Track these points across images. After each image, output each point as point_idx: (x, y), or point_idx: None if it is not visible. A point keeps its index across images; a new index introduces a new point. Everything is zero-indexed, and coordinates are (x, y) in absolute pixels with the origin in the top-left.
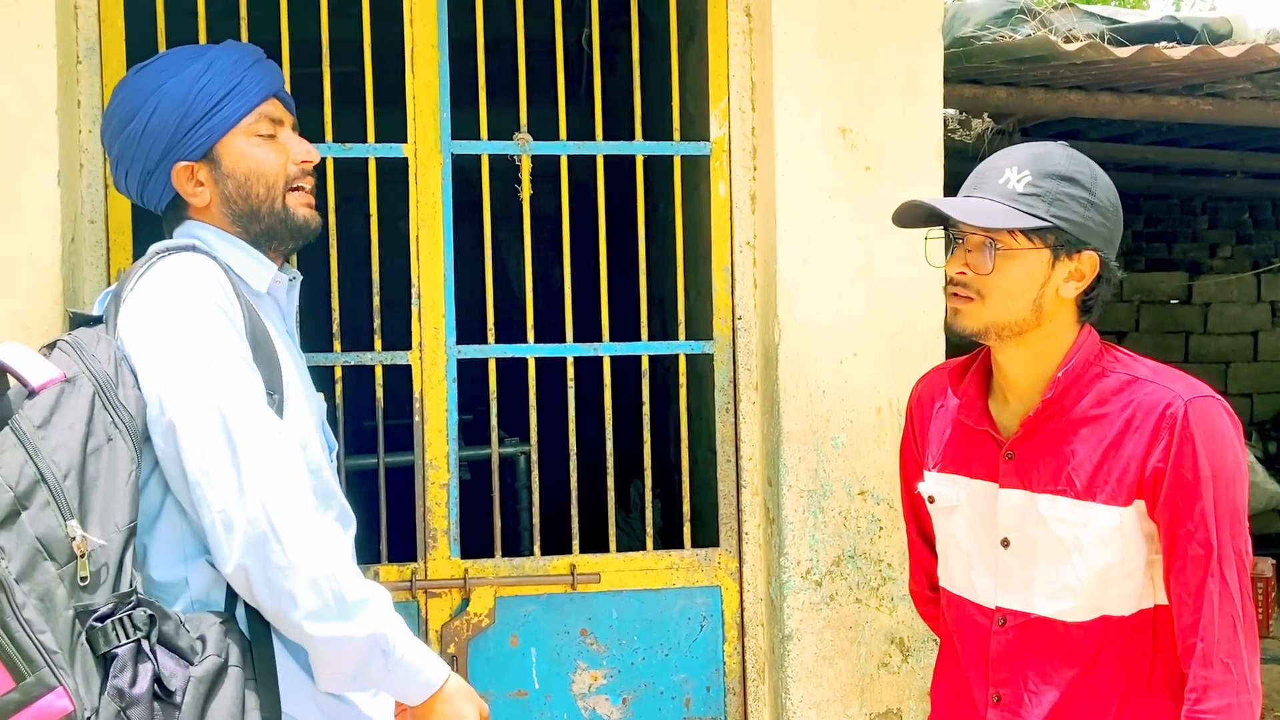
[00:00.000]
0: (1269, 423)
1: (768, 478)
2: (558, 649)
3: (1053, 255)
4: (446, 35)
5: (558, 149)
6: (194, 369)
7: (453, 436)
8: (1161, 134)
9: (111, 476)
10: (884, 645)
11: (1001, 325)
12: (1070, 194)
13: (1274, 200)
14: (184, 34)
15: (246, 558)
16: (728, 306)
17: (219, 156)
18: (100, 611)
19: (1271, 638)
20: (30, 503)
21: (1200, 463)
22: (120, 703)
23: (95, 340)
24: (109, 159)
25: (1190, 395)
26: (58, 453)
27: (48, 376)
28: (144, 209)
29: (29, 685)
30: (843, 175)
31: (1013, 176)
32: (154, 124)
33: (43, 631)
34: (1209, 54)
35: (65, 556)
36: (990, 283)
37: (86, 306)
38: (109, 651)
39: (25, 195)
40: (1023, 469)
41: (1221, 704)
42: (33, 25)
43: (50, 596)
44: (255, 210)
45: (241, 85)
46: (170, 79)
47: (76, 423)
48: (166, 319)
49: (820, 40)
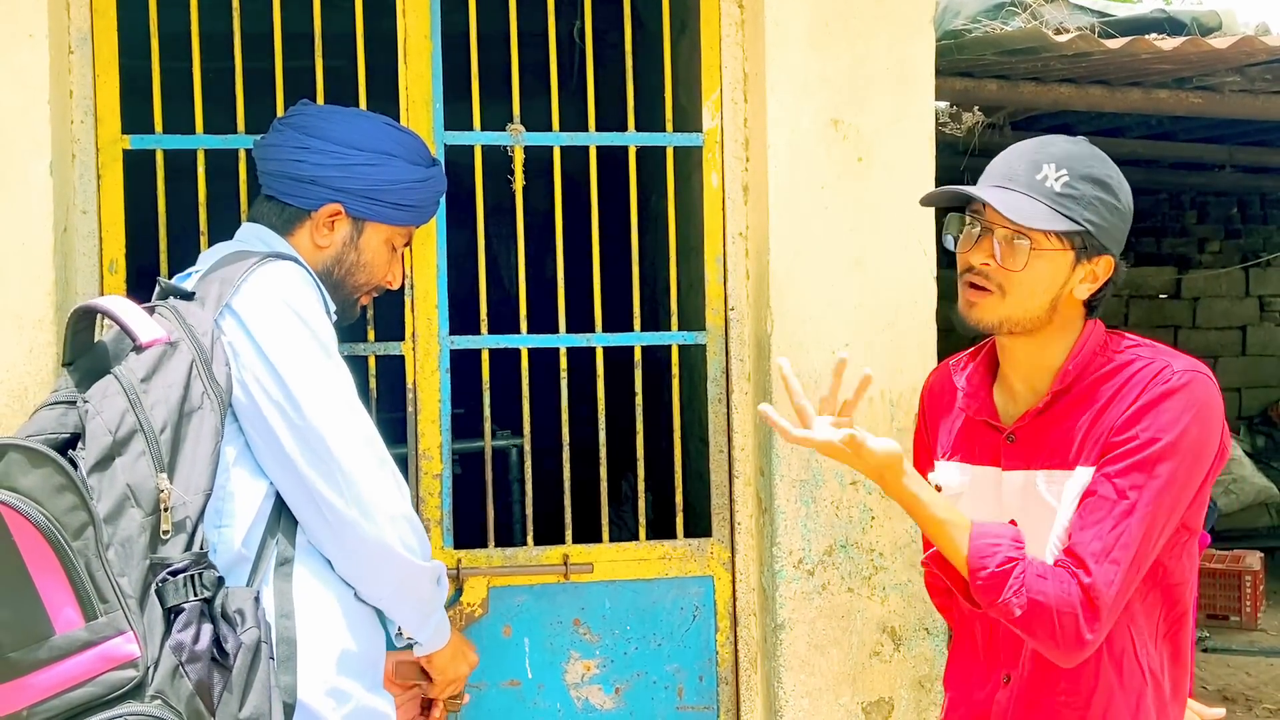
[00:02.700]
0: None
1: (760, 468)
2: (551, 639)
3: (1076, 258)
4: (439, 25)
5: (550, 140)
6: (320, 361)
7: (446, 427)
8: (1151, 128)
9: (197, 442)
10: (876, 634)
11: (1017, 321)
12: (1101, 199)
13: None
14: (176, 26)
15: (393, 523)
16: (720, 297)
17: (364, 230)
18: (175, 566)
19: (1261, 630)
20: (126, 450)
21: (1160, 424)
22: (180, 657)
23: (193, 313)
24: (283, 127)
25: (1184, 366)
26: (156, 408)
27: (154, 335)
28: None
29: (99, 625)
30: (835, 166)
31: (1050, 174)
32: (366, 169)
33: (121, 575)
34: (1199, 45)
35: (151, 507)
36: (1015, 279)
37: (78, 297)
38: (176, 606)
39: (17, 186)
40: (1024, 451)
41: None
42: (24, 16)
43: (131, 543)
44: (342, 285)
45: (426, 209)
46: (405, 160)
47: (175, 384)
48: (295, 316)
49: (812, 31)
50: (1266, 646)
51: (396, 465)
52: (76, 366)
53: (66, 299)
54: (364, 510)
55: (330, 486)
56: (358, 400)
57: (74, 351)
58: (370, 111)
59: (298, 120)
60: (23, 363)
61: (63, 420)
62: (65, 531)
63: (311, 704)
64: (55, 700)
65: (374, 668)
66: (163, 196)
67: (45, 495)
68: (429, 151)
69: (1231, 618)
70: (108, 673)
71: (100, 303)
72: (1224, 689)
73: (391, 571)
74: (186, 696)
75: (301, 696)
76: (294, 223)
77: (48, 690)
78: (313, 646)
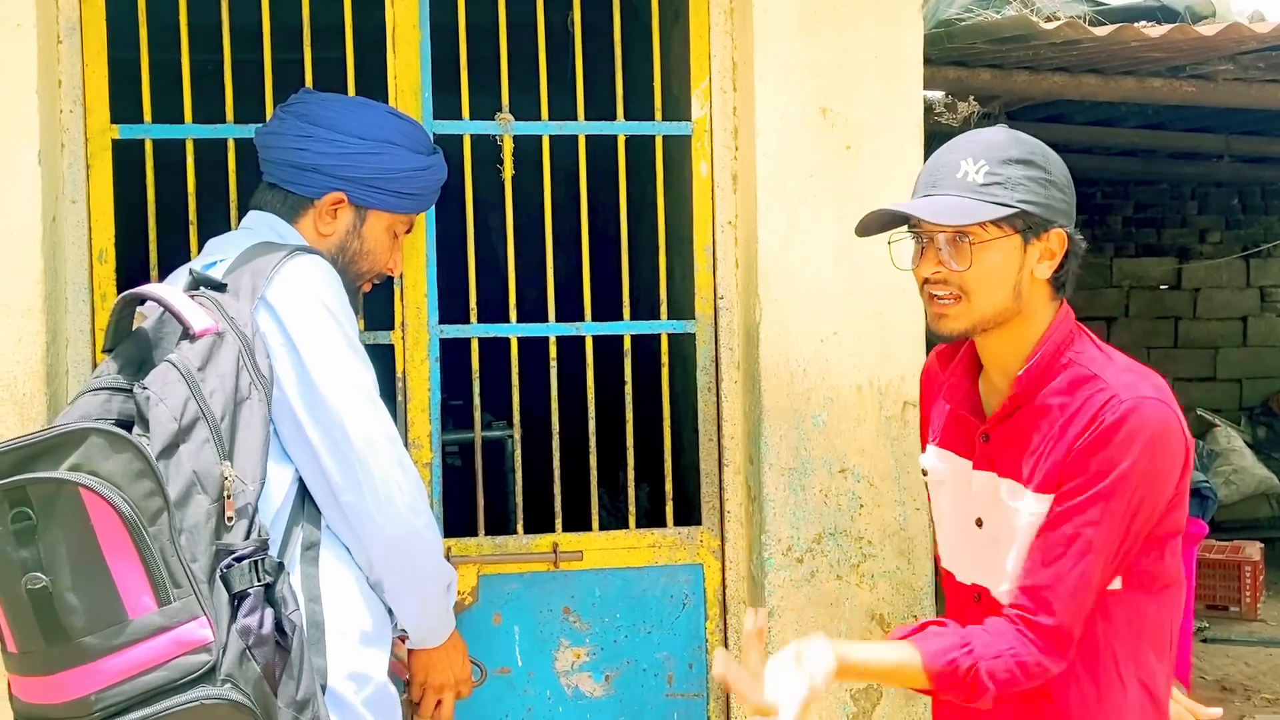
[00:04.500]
0: (1258, 408)
1: (749, 456)
2: (541, 627)
3: (1024, 239)
4: (428, 14)
5: (539, 129)
6: (347, 357)
7: (435, 416)
8: (1147, 117)
9: (250, 431)
10: (864, 622)
11: (989, 319)
12: (1029, 176)
13: (1263, 185)
14: (164, 17)
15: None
16: (709, 286)
17: (367, 218)
18: (239, 552)
19: (1260, 621)
20: (190, 437)
21: (1111, 457)
22: (248, 641)
23: (231, 305)
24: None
25: (1134, 395)
26: (215, 396)
27: (206, 325)
28: (126, 194)
29: (173, 610)
30: (823, 155)
31: (970, 169)
32: (369, 158)
33: (194, 560)
34: (1187, 32)
35: (216, 494)
36: (970, 278)
37: (67, 287)
38: (241, 591)
39: (6, 175)
40: (993, 452)
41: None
42: (13, 5)
43: (198, 529)
44: (345, 273)
45: (427, 197)
46: (407, 149)
47: (228, 374)
48: (327, 311)
49: (801, 20)
50: (1266, 637)
51: None
52: (118, 353)
53: (55, 288)
54: (379, 506)
55: (348, 480)
56: (379, 397)
57: (115, 338)
58: (375, 101)
59: (299, 108)
60: (11, 351)
61: (107, 406)
62: (143, 516)
63: (336, 688)
64: (126, 685)
65: (386, 647)
66: (152, 186)
67: (126, 480)
68: (430, 139)
69: (1231, 608)
70: (181, 657)
71: (152, 290)
72: (1223, 679)
73: (401, 566)
74: (254, 680)
75: (330, 682)
76: (298, 210)
77: (118, 675)
78: (337, 629)
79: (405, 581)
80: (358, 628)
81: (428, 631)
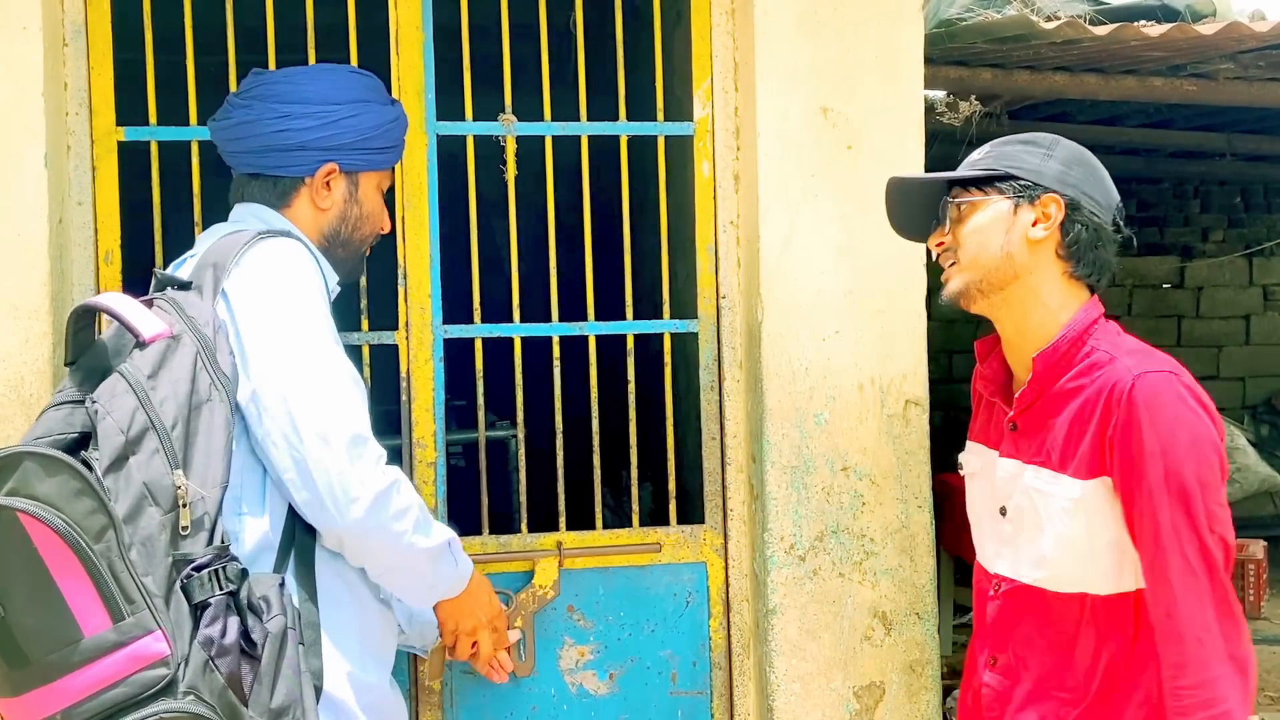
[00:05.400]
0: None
1: (752, 454)
2: (545, 625)
3: (1013, 203)
4: (431, 15)
5: (542, 129)
6: (297, 344)
7: (439, 416)
8: (1149, 116)
9: (210, 435)
10: (867, 619)
11: (977, 279)
12: (1025, 150)
13: (1265, 184)
14: (169, 19)
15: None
16: (711, 285)
17: (359, 181)
18: (198, 561)
19: (1264, 619)
20: (139, 449)
21: (1146, 438)
22: (210, 651)
23: (193, 304)
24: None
25: (1139, 370)
26: (165, 404)
27: (157, 330)
28: (133, 195)
29: (127, 626)
30: (824, 154)
31: (978, 155)
32: (350, 121)
33: (146, 574)
34: (1186, 31)
35: (169, 504)
36: (961, 237)
37: (74, 288)
38: (203, 601)
39: (12, 177)
40: (1018, 440)
41: (1199, 679)
42: (18, 7)
43: (152, 542)
44: (350, 240)
45: (399, 147)
46: (377, 103)
47: (182, 379)
48: (282, 295)
49: (801, 20)
50: (1269, 634)
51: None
52: (78, 366)
53: (62, 290)
54: (336, 502)
55: (301, 475)
56: (342, 382)
57: (75, 351)
58: (329, 63)
59: (264, 90)
60: (19, 353)
61: (69, 420)
62: (86, 535)
63: (335, 694)
64: (90, 702)
65: (389, 653)
66: (157, 188)
67: (64, 500)
68: (385, 93)
69: None
70: (139, 672)
71: (99, 300)
72: None
73: (365, 556)
74: (219, 690)
75: (325, 686)
76: (290, 193)
77: (81, 693)
78: (335, 631)
79: (378, 568)
80: (358, 630)
81: (433, 597)
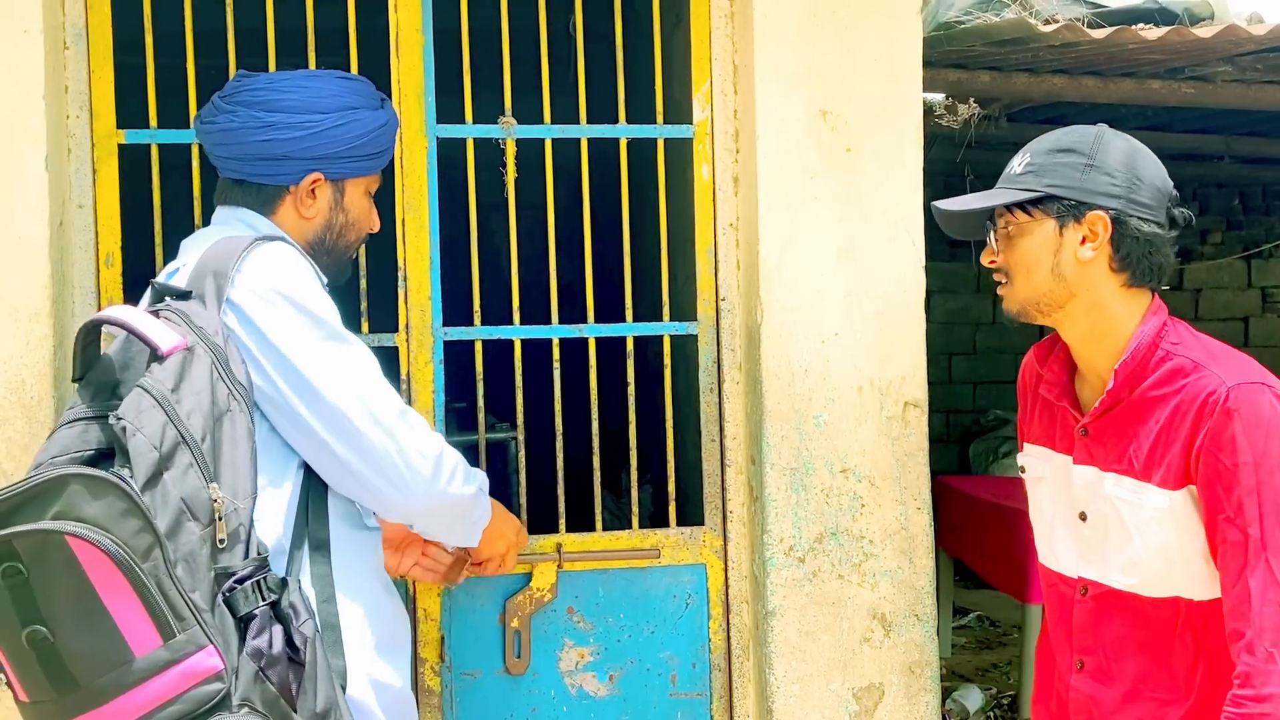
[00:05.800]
0: None
1: (751, 456)
2: (545, 626)
3: (1058, 223)
4: (431, 19)
5: (542, 132)
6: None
7: (439, 418)
8: (1147, 118)
9: (235, 446)
10: (866, 621)
11: (1033, 300)
12: (1064, 162)
13: (1264, 186)
14: (170, 22)
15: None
16: (711, 288)
17: (345, 189)
18: (240, 574)
19: None
20: (173, 464)
21: (1240, 448)
22: (259, 662)
23: (198, 314)
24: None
25: (1234, 381)
26: (192, 417)
27: (173, 343)
28: (134, 198)
29: (179, 643)
30: (823, 157)
31: (1017, 163)
32: (336, 131)
33: (193, 590)
34: (1184, 34)
35: (207, 518)
36: (1010, 261)
37: (74, 291)
38: (248, 613)
39: (13, 180)
40: (1094, 446)
41: (1266, 692)
42: (20, 11)
43: (194, 557)
44: (335, 247)
45: (389, 150)
46: (366, 108)
47: (203, 390)
48: (296, 298)
49: (801, 23)
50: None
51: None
52: (87, 381)
53: (63, 292)
54: (399, 483)
55: (366, 463)
56: (372, 368)
57: (84, 366)
58: (317, 69)
59: (248, 97)
60: (20, 355)
61: (84, 437)
62: (135, 554)
63: (356, 695)
64: None
65: (405, 650)
66: (158, 190)
67: (112, 521)
68: (376, 90)
69: None
70: (193, 689)
71: (110, 314)
72: None
73: (441, 518)
74: (271, 700)
75: (348, 688)
76: (274, 201)
77: (136, 712)
78: (354, 632)
79: (450, 524)
80: (374, 633)
81: (475, 534)
